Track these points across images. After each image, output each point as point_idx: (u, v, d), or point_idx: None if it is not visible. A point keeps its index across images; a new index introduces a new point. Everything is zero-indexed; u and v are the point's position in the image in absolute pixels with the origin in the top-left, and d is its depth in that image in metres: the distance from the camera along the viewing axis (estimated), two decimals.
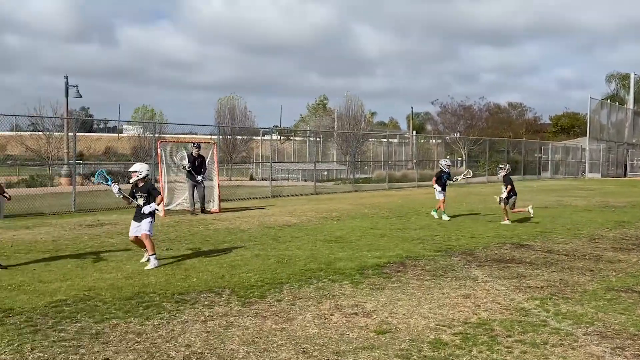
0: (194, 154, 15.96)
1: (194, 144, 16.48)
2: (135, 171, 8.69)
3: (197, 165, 15.95)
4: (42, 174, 30.93)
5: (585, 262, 9.05)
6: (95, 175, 8.91)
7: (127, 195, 8.67)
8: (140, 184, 8.64)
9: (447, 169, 15.18)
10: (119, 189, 8.58)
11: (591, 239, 11.46)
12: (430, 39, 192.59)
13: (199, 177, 15.85)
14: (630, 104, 53.62)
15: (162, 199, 8.99)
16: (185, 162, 15.86)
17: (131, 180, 8.83)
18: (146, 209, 8.48)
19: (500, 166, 14.90)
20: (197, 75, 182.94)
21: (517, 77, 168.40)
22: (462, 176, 16.24)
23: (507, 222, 13.86)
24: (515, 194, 14.28)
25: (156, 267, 8.26)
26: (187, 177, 15.98)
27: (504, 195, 14.00)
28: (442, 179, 15.01)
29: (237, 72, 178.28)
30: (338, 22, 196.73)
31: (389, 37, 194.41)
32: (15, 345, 5.03)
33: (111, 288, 7.09)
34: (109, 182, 8.66)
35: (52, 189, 24.14)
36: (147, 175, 8.76)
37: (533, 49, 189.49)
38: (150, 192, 8.62)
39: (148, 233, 8.45)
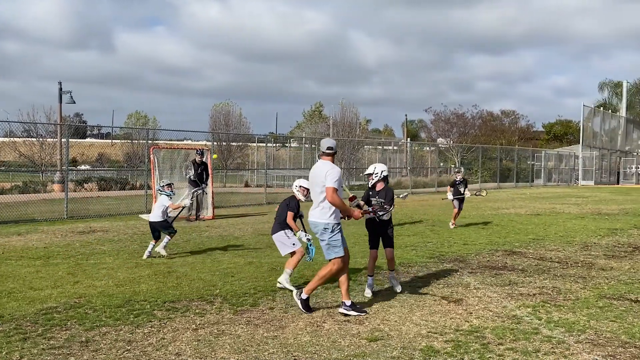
0: (197, 160, 15.86)
1: (197, 150, 16.29)
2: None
3: (200, 172, 15.85)
4: (35, 180, 30.82)
5: (577, 269, 9.06)
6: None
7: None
8: None
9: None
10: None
11: (584, 246, 11.49)
12: (427, 47, 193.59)
13: (203, 185, 15.75)
14: (623, 112, 53.93)
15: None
16: (191, 172, 15.79)
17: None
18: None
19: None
20: (193, 81, 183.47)
21: (513, 85, 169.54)
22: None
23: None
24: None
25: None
26: (189, 183, 15.85)
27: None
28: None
29: (233, 79, 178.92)
30: (335, 30, 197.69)
31: (386, 45, 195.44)
32: (3, 354, 4.98)
33: (102, 295, 7.06)
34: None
35: (45, 195, 24.05)
36: None
37: (529, 56, 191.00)
38: None
39: None
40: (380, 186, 7.47)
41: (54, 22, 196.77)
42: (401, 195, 13.89)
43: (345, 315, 6.23)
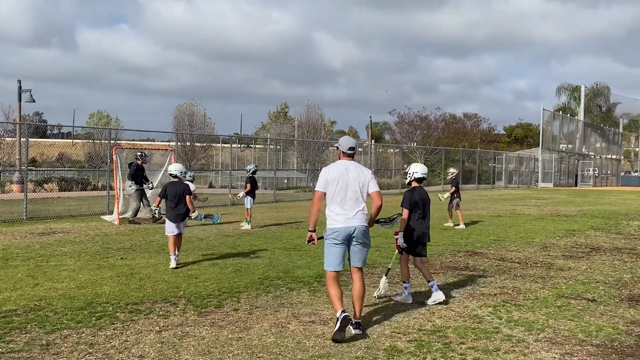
0: (140, 163, 15.50)
1: (141, 154, 15.79)
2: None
3: (141, 177, 15.53)
4: None
5: (537, 269, 9.28)
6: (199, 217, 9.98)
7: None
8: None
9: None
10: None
11: (543, 247, 11.76)
12: (392, 49, 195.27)
13: (150, 184, 15.62)
14: (581, 116, 55.33)
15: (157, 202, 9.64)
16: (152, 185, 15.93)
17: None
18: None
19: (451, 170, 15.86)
20: (157, 81, 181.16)
21: (475, 88, 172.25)
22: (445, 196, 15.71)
23: (461, 226, 14.66)
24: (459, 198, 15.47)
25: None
26: (136, 189, 15.54)
27: (447, 195, 15.34)
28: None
29: (198, 79, 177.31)
30: (301, 31, 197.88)
31: (351, 47, 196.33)
32: None
33: (63, 298, 6.94)
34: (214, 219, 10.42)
35: (3, 196, 23.46)
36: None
37: (491, 60, 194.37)
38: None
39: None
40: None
41: (14, 19, 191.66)
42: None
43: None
